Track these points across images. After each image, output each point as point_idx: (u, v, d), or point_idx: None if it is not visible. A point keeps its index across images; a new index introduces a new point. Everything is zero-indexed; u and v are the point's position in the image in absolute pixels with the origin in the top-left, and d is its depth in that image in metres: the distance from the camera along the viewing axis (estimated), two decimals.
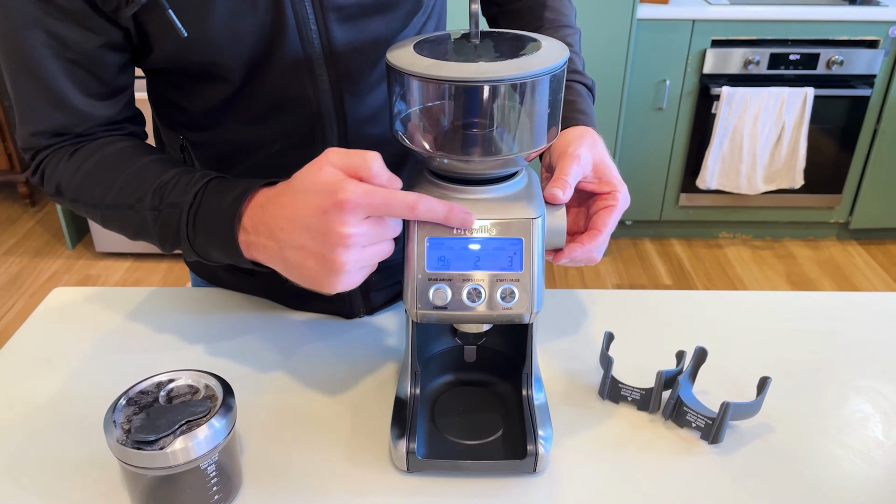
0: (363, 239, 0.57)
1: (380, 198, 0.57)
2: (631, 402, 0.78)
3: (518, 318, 0.64)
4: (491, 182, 0.64)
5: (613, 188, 0.71)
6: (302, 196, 0.58)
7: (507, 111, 0.61)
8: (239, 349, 0.86)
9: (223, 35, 0.69)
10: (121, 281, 2.78)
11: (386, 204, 0.57)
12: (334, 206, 0.56)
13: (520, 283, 0.63)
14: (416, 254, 0.63)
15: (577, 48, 0.88)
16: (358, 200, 0.56)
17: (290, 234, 0.59)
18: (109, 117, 0.75)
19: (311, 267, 0.59)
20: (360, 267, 0.59)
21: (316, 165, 0.58)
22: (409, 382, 0.72)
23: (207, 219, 0.66)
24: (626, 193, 0.72)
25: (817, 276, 2.78)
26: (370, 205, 0.57)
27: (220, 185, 0.67)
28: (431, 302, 0.63)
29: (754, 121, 2.62)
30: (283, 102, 0.76)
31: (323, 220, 0.56)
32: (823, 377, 0.83)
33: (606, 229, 0.70)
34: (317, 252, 0.58)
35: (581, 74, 0.83)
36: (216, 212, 0.65)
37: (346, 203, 0.56)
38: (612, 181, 0.72)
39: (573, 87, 0.81)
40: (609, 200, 0.71)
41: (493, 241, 0.62)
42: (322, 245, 0.57)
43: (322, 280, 0.59)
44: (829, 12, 2.54)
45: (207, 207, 0.66)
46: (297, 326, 0.90)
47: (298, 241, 0.58)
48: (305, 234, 0.58)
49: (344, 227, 0.56)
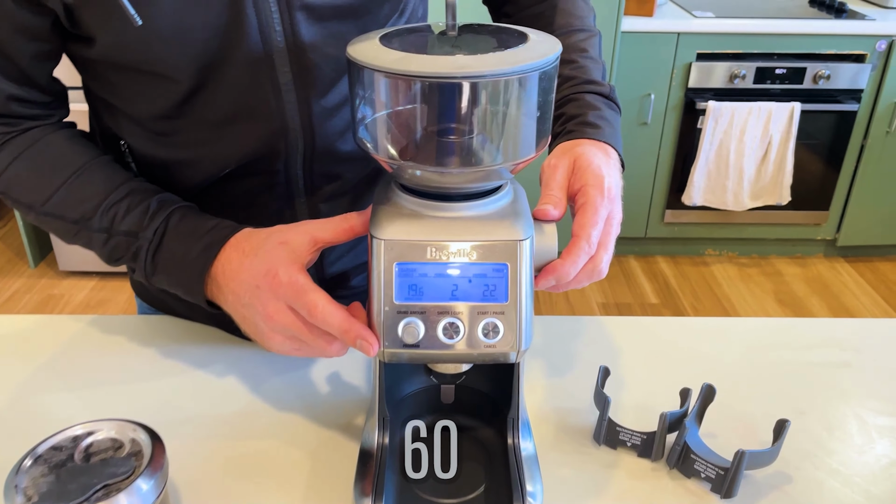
0: (286, 329, 0.58)
1: (303, 303, 0.56)
2: (631, 447, 0.68)
3: (503, 357, 0.54)
4: (471, 198, 0.55)
5: (583, 183, 0.62)
6: (250, 260, 0.60)
7: (488, 114, 0.52)
8: (185, 388, 0.76)
9: (170, 27, 0.59)
10: (84, 301, 2.65)
11: (306, 306, 0.56)
12: (266, 283, 0.57)
13: (504, 316, 0.53)
14: (383, 282, 0.53)
15: (595, 53, 0.77)
16: (285, 291, 0.56)
17: (242, 293, 0.60)
18: (36, 101, 0.68)
19: (251, 329, 0.61)
20: (293, 348, 0.60)
21: (282, 236, 0.59)
22: (376, 431, 0.62)
23: (171, 265, 0.64)
24: (604, 187, 0.62)
25: (806, 295, 2.72)
26: (293, 299, 0.57)
27: (185, 225, 0.65)
28: (401, 339, 0.53)
29: (741, 136, 2.56)
30: (240, 111, 0.66)
31: (255, 293, 0.58)
32: (842, 416, 0.74)
33: (584, 233, 0.59)
34: (250, 318, 0.60)
35: (596, 84, 0.73)
36: (182, 260, 0.64)
37: (275, 286, 0.57)
38: (583, 176, 0.62)
39: (581, 100, 0.71)
40: (578, 199, 0.62)
41: (474, 267, 0.53)
42: (253, 314, 0.59)
43: (263, 344, 0.61)
44: (816, 26, 2.50)
45: (171, 252, 0.64)
46: (252, 360, 0.80)
47: (245, 300, 0.60)
48: (247, 297, 0.59)
49: (265, 307, 0.58)
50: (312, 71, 0.66)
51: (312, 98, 0.67)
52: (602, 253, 0.61)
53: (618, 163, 0.67)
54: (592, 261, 0.61)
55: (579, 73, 0.73)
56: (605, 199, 0.61)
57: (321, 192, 0.75)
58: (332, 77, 0.67)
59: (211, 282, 0.63)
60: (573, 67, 0.73)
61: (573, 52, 0.74)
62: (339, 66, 0.67)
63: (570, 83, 0.73)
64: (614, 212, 0.63)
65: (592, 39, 0.77)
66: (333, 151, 0.71)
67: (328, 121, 0.69)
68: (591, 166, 0.63)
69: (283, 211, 0.74)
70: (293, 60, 0.65)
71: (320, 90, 0.67)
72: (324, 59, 0.66)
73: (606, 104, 0.71)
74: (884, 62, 2.52)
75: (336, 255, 0.81)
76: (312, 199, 0.74)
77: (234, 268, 0.61)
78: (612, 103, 0.72)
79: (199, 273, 0.62)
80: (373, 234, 0.53)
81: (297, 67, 0.65)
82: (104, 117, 0.73)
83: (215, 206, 0.69)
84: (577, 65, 0.73)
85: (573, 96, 0.71)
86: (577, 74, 0.73)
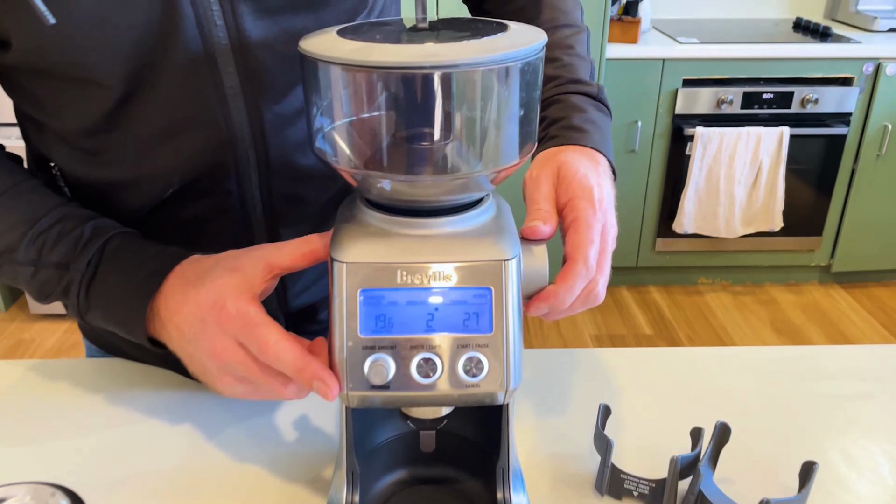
0: (235, 369, 0.50)
1: (254, 338, 0.49)
2: (638, 497, 0.60)
3: (489, 398, 0.46)
4: (448, 212, 0.47)
5: (570, 196, 0.55)
6: (195, 290, 0.52)
7: (464, 113, 0.44)
8: (127, 439, 0.67)
9: (91, 25, 0.52)
10: (56, 345, 2.54)
11: (256, 342, 0.48)
12: (212, 316, 0.50)
13: (489, 349, 0.45)
14: (346, 312, 0.45)
15: (582, 50, 0.70)
16: (233, 325, 0.49)
17: (186, 328, 0.52)
18: None
19: (199, 370, 0.53)
20: (246, 391, 0.52)
21: (232, 262, 0.52)
22: (344, 487, 0.53)
23: (107, 299, 0.57)
24: (594, 199, 0.54)
25: (802, 323, 2.66)
26: (242, 334, 0.49)
27: (123, 254, 0.57)
28: (368, 379, 0.45)
29: (730, 161, 2.52)
30: (179, 121, 0.59)
31: (200, 328, 0.51)
32: (870, 454, 0.66)
33: (579, 254, 0.52)
34: (196, 357, 0.52)
35: (583, 84, 0.66)
36: (119, 292, 0.56)
37: (222, 320, 0.49)
38: (570, 188, 0.55)
39: (566, 101, 0.64)
40: (567, 214, 0.54)
41: (453, 293, 0.45)
42: (200, 353, 0.51)
43: (212, 387, 0.53)
44: (801, 49, 2.47)
45: (107, 284, 0.57)
46: (208, 406, 0.71)
47: (189, 336, 0.52)
48: (191, 332, 0.51)
49: (212, 344, 0.50)
50: (262, 73, 0.58)
51: (263, 105, 0.60)
52: (598, 276, 0.54)
53: (608, 170, 0.60)
54: (589, 285, 0.53)
55: (564, 71, 0.66)
56: (597, 213, 0.54)
57: (282, 217, 0.67)
58: (287, 80, 0.60)
59: (154, 317, 0.55)
60: (557, 66, 0.66)
61: (557, 50, 0.67)
62: (294, 68, 0.60)
63: (553, 83, 0.66)
64: (608, 225, 0.56)
65: (579, 35, 0.70)
66: (292, 167, 0.63)
67: (283, 131, 0.61)
68: (576, 175, 0.56)
69: (240, 238, 0.66)
70: (239, 61, 0.57)
71: (272, 95, 0.60)
72: (275, 59, 0.58)
73: (594, 105, 0.64)
74: (871, 85, 2.50)
75: (302, 286, 0.73)
76: (272, 224, 0.67)
77: (178, 300, 0.53)
78: (602, 105, 0.65)
79: (139, 307, 0.54)
80: (333, 257, 0.46)
81: (244, 69, 0.58)
82: (32, 137, 0.65)
83: (161, 234, 0.61)
84: (562, 63, 0.66)
85: (557, 97, 0.64)
86: (562, 73, 0.66)
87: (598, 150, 0.60)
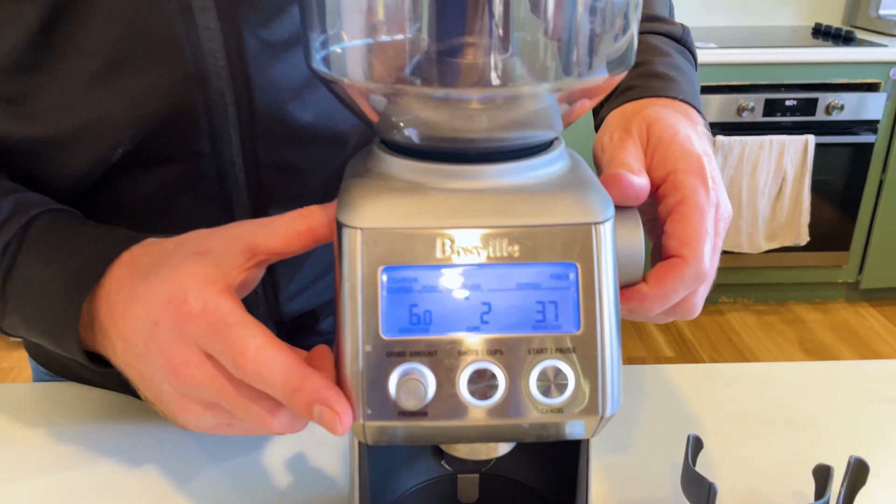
0: (201, 392, 0.35)
1: (225, 344, 0.33)
2: None
3: (573, 430, 0.31)
4: (507, 157, 0.32)
5: (671, 169, 0.40)
6: (147, 282, 0.37)
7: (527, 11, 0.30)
8: (80, 485, 0.51)
9: None
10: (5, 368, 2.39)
11: (229, 349, 0.33)
12: (168, 316, 0.35)
13: (576, 355, 0.30)
14: (360, 303, 0.30)
15: None
16: (196, 327, 0.34)
17: (134, 336, 0.37)
18: None
19: (154, 395, 0.38)
20: (219, 423, 0.37)
21: (199, 244, 0.37)
22: None
23: (29, 297, 0.42)
24: (705, 173, 0.40)
25: (833, 343, 2.51)
26: (210, 338, 0.34)
27: (53, 235, 0.43)
28: (394, 403, 0.30)
29: (753, 171, 2.39)
30: (129, 49, 0.44)
31: (152, 335, 0.36)
32: None
33: (690, 250, 0.38)
34: (149, 377, 0.37)
35: (664, 22, 0.53)
36: (45, 288, 0.41)
37: (181, 320, 0.34)
38: (669, 155, 0.40)
39: (644, 41, 0.50)
40: (671, 194, 0.39)
41: (520, 272, 0.30)
42: (153, 370, 0.37)
43: (174, 419, 0.38)
44: (824, 54, 2.36)
45: (29, 277, 0.42)
46: (179, 442, 0.56)
47: (139, 347, 0.37)
48: (141, 342, 0.37)
49: (168, 356, 0.35)
50: None
51: (244, 25, 0.44)
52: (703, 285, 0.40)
53: (707, 132, 0.46)
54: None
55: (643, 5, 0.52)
56: (709, 192, 0.39)
57: (272, 192, 0.51)
58: None
59: (92, 322, 0.40)
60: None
61: None
62: None
63: None
64: (721, 210, 0.41)
65: None
66: (285, 122, 0.48)
67: (273, 66, 0.46)
68: (676, 138, 0.41)
69: (217, 221, 0.50)
70: None
71: (258, 15, 0.45)
72: None
73: (678, 50, 0.50)
74: None
75: (299, 285, 0.57)
76: (259, 201, 0.51)
77: (124, 297, 0.38)
78: (686, 51, 0.51)
79: (70, 307, 0.39)
80: (342, 222, 0.31)
81: None
82: None
83: (110, 215, 0.46)
84: None
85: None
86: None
87: (691, 104, 0.46)
